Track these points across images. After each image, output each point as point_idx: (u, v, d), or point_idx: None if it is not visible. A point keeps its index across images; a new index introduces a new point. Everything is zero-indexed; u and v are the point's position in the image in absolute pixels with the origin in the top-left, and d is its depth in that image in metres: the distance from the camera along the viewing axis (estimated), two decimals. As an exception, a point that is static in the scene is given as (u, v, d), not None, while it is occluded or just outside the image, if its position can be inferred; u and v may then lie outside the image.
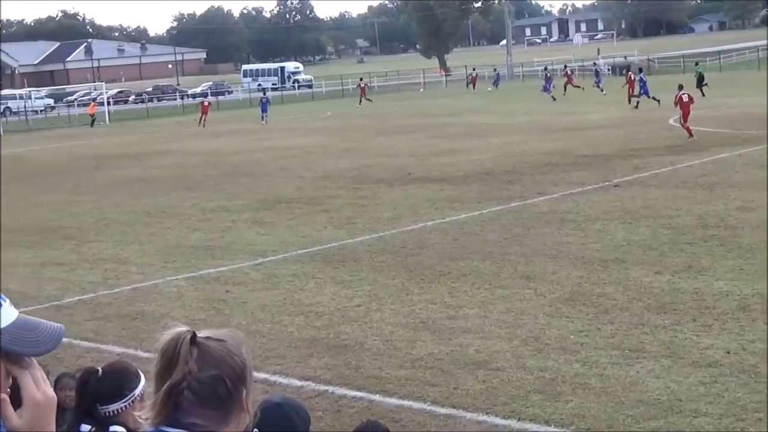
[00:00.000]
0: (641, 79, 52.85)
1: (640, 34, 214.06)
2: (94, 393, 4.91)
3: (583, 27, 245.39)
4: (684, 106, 34.97)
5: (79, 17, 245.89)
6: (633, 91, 53.97)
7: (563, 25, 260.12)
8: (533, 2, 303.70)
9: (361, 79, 78.98)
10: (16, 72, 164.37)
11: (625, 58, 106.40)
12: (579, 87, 67.81)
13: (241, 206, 26.01)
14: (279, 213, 24.53)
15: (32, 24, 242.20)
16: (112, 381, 4.95)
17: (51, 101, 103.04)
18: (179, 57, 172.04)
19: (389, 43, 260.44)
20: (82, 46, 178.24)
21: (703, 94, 49.76)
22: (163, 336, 2.68)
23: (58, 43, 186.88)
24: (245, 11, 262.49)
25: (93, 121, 71.69)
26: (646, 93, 51.32)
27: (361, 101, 73.74)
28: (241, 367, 2.69)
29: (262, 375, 11.57)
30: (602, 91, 65.47)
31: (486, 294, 15.16)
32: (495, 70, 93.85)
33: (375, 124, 52.60)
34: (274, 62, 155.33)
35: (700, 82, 57.56)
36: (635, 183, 25.34)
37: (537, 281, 15.68)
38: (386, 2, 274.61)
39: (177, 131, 59.33)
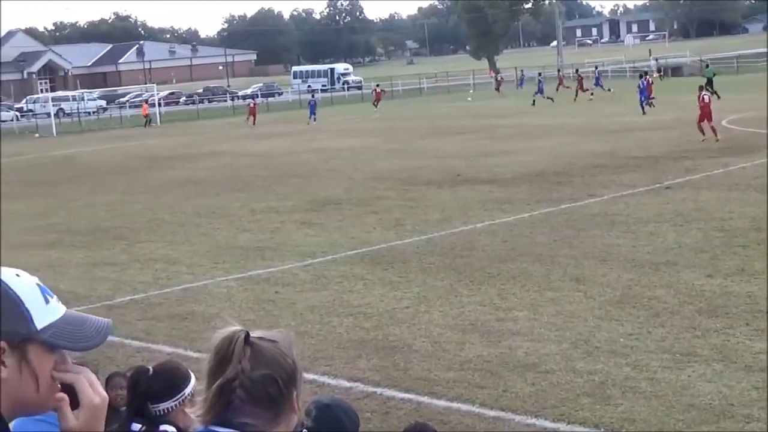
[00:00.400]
0: (640, 85, 52.86)
1: (693, 34, 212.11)
2: (145, 392, 4.95)
3: (635, 28, 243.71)
4: (704, 107, 34.95)
5: (131, 19, 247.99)
6: (650, 94, 54.33)
7: (614, 26, 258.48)
8: (584, 3, 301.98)
9: (377, 85, 78.44)
10: (70, 74, 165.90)
11: (654, 60, 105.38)
12: (587, 90, 67.40)
13: (290, 207, 26.09)
14: (328, 214, 24.58)
15: (85, 26, 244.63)
16: (163, 380, 4.99)
17: (103, 103, 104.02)
18: (230, 59, 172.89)
19: (439, 44, 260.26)
20: (134, 48, 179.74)
21: (719, 97, 48.91)
22: (217, 334, 2.70)
23: (110, 45, 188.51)
24: (295, 13, 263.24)
25: (149, 121, 72.15)
26: (642, 102, 51.12)
27: (377, 106, 72.64)
28: (292, 367, 2.72)
29: (310, 376, 11.60)
30: (609, 90, 65.70)
31: (535, 296, 15.10)
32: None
33: (424, 126, 52.55)
34: (323, 64, 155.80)
35: (710, 85, 57.17)
36: (686, 185, 25.12)
37: (587, 284, 15.60)
38: (436, 3, 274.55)
39: (227, 132, 59.63)
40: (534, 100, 64.39)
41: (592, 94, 67.67)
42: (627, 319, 13.46)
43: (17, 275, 2.31)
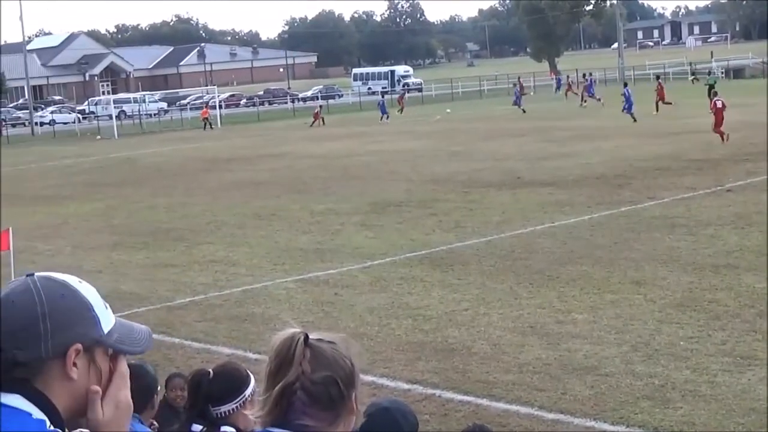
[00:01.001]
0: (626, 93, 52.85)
1: (755, 36, 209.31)
2: (206, 394, 4.99)
3: (696, 30, 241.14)
4: (717, 113, 35.94)
5: (192, 22, 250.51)
6: (663, 98, 55.20)
7: (676, 27, 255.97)
8: (646, 5, 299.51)
9: (404, 86, 78.18)
10: (131, 76, 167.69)
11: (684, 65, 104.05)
12: (597, 99, 65.67)
13: (350, 209, 26.16)
14: (388, 216, 24.62)
15: (147, 29, 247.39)
16: (224, 382, 5.03)
17: (164, 105, 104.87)
18: (290, 61, 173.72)
19: (499, 46, 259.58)
20: (195, 50, 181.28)
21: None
22: (277, 336, 2.72)
23: (171, 48, 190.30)
24: (356, 15, 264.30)
25: (209, 124, 72.48)
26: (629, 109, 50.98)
27: (402, 110, 71.94)
28: (350, 369, 2.74)
29: (369, 378, 11.63)
30: (599, 100, 64.70)
31: (595, 299, 15.03)
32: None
33: (484, 128, 52.44)
34: (384, 66, 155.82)
35: (710, 92, 57.03)
36: (748, 188, 24.84)
37: (647, 286, 15.50)
38: (497, 5, 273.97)
39: (287, 134, 59.89)
40: (523, 110, 61.15)
41: (585, 101, 66.55)
42: (687, 322, 13.36)
43: (80, 281, 2.35)
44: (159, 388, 6.11)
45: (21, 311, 2.21)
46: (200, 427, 4.95)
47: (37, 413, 2.18)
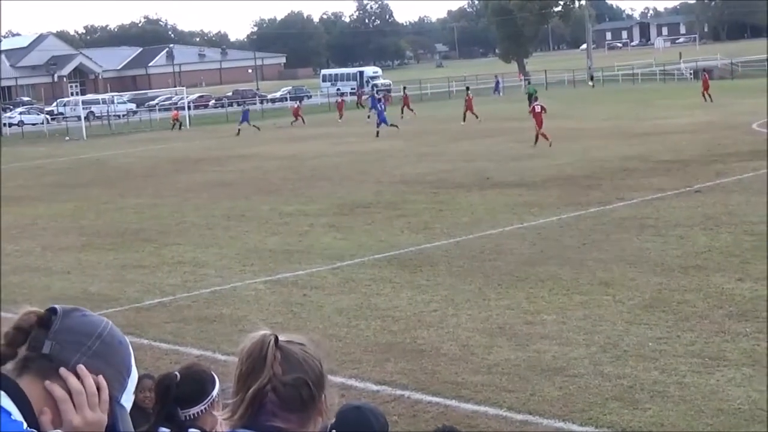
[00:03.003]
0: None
1: (724, 37, 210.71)
2: (175, 397, 4.97)
3: (665, 31, 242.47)
4: (537, 116, 39.53)
5: (161, 23, 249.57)
6: (470, 108, 57.01)
7: (645, 28, 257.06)
8: (614, 6, 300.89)
9: (404, 88, 77.69)
10: (100, 77, 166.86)
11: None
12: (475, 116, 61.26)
13: (319, 210, 26.12)
14: (357, 217, 24.60)
15: (116, 30, 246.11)
16: (192, 385, 5.02)
17: (133, 106, 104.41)
18: (259, 62, 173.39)
19: (468, 47, 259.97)
20: (164, 51, 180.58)
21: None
22: (247, 338, 2.72)
23: (140, 49, 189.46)
24: (325, 16, 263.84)
25: (179, 125, 72.25)
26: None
27: (403, 112, 68.22)
28: (320, 370, 2.74)
29: (338, 379, 11.60)
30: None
31: (564, 300, 15.06)
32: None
33: (453, 129, 52.52)
34: (353, 67, 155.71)
35: (530, 99, 58.86)
36: (717, 189, 24.98)
37: (616, 287, 15.54)
38: (465, 6, 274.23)
39: (256, 135, 59.76)
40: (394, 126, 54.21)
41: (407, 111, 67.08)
42: (656, 323, 13.40)
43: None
44: None
45: (88, 324, 2.37)
46: (167, 430, 4.93)
47: (17, 414, 2.20)
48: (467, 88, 66.23)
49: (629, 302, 14.60)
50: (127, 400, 2.43)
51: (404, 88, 78.02)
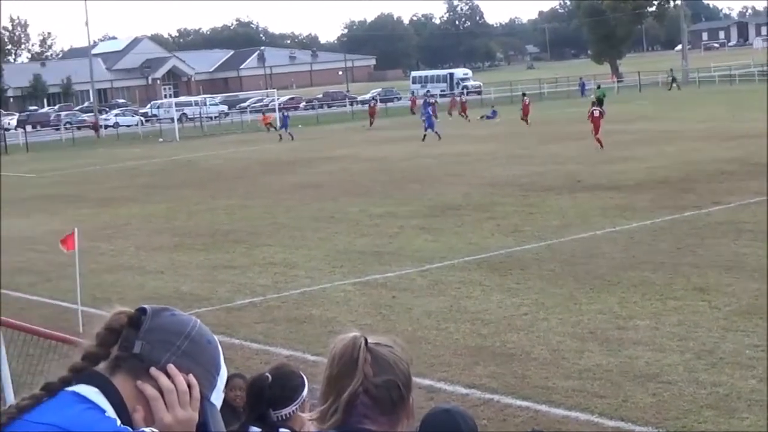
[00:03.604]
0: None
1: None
2: (268, 399, 5.01)
3: (764, 30, 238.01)
4: (594, 121, 40.12)
5: (252, 25, 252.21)
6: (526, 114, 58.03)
7: (743, 28, 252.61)
8: (711, 5, 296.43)
9: (461, 95, 77.16)
10: (193, 79, 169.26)
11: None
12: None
13: (409, 212, 26.09)
14: (447, 220, 24.52)
15: (208, 32, 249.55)
16: (283, 387, 5.07)
17: (225, 107, 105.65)
18: (349, 64, 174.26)
19: (560, 48, 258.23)
20: (255, 53, 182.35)
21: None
22: (337, 340, 2.74)
23: (232, 51, 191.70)
24: (415, 17, 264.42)
25: (274, 128, 72.62)
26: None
27: (467, 116, 68.62)
28: (408, 372, 2.74)
29: (427, 382, 11.56)
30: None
31: (657, 305, 14.81)
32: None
33: (545, 131, 52.15)
34: (442, 68, 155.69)
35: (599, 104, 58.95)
36: (816, 192, 24.39)
37: (711, 293, 15.25)
38: (557, 7, 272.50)
39: (346, 137, 60.01)
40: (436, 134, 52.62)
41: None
42: (753, 330, 13.10)
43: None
44: None
45: (177, 323, 2.40)
46: (258, 430, 4.97)
47: (111, 412, 2.25)
48: (523, 94, 66.40)
49: (725, 308, 14.31)
50: (217, 398, 2.46)
51: (461, 94, 77.88)
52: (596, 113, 41.08)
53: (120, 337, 2.35)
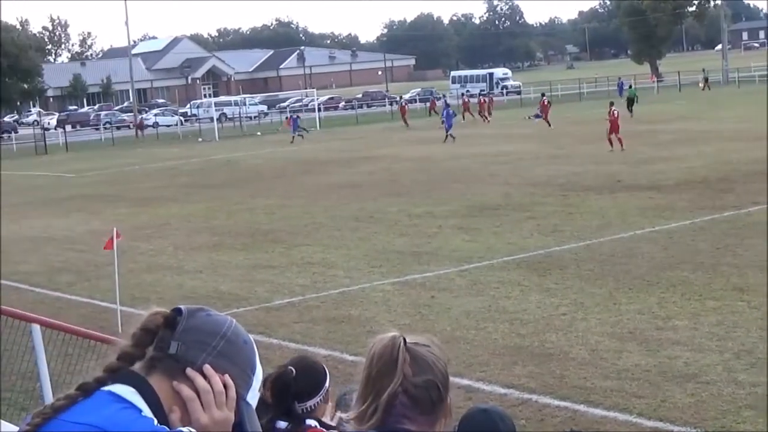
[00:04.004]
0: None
1: None
2: (293, 393, 5.07)
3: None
4: (613, 121, 40.30)
5: (292, 25, 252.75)
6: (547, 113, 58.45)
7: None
8: (751, 5, 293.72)
9: (481, 94, 77.39)
10: (232, 79, 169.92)
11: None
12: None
13: (447, 212, 26.09)
14: (486, 219, 24.51)
15: (248, 32, 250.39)
16: (307, 379, 5.12)
17: (264, 107, 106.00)
18: (389, 63, 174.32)
19: (599, 48, 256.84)
20: (295, 53, 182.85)
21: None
22: (376, 340, 2.74)
23: (271, 51, 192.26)
24: (455, 17, 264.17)
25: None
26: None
27: (486, 118, 69.20)
28: (446, 371, 2.74)
29: (465, 381, 11.59)
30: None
31: (696, 305, 14.76)
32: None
33: (584, 131, 51.94)
34: (482, 68, 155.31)
35: (630, 105, 61.05)
36: None
37: (751, 293, 15.17)
38: (597, 7, 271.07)
39: (386, 137, 60.04)
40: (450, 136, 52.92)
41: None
42: (792, 330, 13.03)
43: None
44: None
45: (212, 324, 2.40)
46: (285, 424, 5.03)
47: (147, 412, 2.26)
48: (543, 94, 66.78)
49: (765, 308, 14.23)
50: (253, 397, 2.47)
51: (480, 94, 78.02)
52: (616, 114, 41.69)
53: (155, 338, 2.37)
